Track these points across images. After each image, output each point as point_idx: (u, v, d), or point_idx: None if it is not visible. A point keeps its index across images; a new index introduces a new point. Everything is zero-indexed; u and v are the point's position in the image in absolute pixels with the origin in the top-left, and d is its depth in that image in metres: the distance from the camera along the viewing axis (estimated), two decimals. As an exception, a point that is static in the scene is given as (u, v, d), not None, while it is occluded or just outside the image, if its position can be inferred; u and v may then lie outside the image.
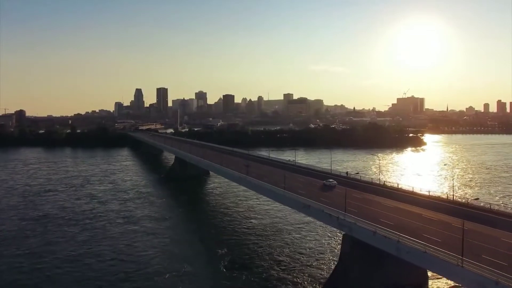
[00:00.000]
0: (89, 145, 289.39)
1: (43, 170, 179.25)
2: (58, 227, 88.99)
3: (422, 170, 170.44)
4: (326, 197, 69.02)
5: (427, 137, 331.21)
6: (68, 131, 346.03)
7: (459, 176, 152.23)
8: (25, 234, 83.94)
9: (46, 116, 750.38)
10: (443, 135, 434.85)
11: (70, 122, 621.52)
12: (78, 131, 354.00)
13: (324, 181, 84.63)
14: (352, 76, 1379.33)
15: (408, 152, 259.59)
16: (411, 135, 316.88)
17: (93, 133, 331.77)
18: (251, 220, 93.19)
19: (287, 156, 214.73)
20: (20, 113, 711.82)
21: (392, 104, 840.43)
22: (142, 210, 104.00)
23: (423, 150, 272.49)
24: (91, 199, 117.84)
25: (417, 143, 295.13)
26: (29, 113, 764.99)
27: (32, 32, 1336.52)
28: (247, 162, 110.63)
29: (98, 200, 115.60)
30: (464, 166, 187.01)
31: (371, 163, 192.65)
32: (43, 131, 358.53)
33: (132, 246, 75.70)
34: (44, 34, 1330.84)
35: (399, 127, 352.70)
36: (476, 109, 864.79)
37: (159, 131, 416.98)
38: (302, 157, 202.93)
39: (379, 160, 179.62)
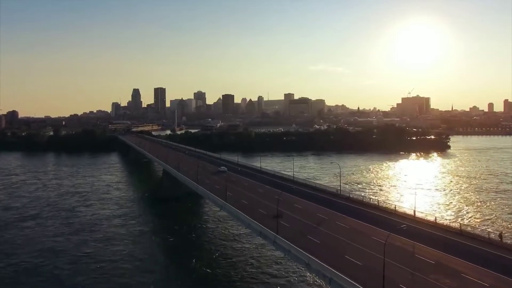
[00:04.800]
0: (75, 150, 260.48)
1: (29, 185, 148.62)
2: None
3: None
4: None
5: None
6: (50, 134, 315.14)
7: None
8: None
9: (43, 117, 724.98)
10: (455, 136, 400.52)
11: (63, 123, 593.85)
12: (64, 132, 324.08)
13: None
14: (352, 76, 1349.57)
15: (441, 159, 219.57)
16: (432, 137, 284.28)
17: (79, 136, 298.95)
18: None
19: (312, 165, 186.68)
20: (13, 114, 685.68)
21: (397, 104, 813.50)
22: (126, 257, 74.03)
23: (454, 156, 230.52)
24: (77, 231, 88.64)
25: (440, 147, 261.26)
26: (27, 114, 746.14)
27: (31, 33, 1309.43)
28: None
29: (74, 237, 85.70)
30: None
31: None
32: (24, 134, 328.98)
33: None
34: (42, 35, 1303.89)
35: (420, 129, 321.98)
36: (480, 108, 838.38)
37: (153, 133, 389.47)
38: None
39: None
